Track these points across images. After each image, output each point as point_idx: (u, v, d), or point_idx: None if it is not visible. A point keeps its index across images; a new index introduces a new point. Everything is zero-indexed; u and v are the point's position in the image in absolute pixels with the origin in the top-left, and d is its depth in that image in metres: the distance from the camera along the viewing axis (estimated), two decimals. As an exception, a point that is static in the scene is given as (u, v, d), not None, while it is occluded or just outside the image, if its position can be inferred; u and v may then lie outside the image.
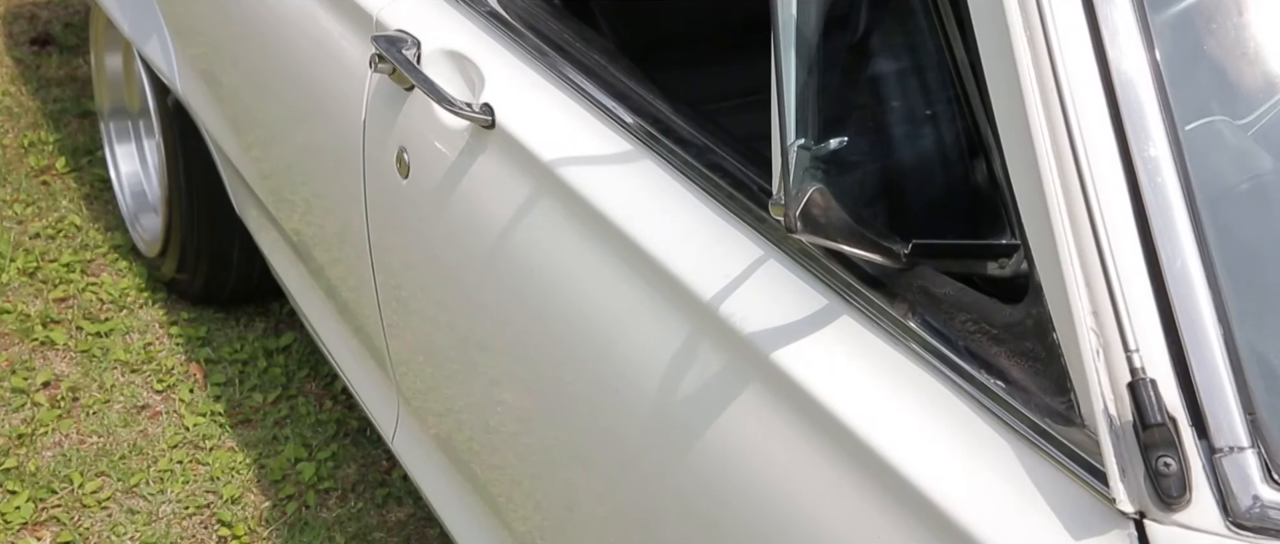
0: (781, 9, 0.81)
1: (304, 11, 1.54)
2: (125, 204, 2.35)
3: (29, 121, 2.71)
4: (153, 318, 2.21)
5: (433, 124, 1.28)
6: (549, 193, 1.13)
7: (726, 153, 1.02)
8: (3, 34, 3.04)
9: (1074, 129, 0.72)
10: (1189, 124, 0.75)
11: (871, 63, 0.89)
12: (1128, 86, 0.73)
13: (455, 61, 1.29)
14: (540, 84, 1.21)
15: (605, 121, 1.13)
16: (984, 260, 0.83)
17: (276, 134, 1.70)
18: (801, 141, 0.81)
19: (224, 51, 1.80)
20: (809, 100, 0.82)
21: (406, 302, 1.42)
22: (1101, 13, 0.74)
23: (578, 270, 1.10)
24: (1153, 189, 0.71)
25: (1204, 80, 0.79)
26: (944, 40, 0.82)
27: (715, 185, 1.00)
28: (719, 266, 0.96)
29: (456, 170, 1.25)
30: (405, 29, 1.34)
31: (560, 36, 1.23)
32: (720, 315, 0.94)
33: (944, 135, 0.87)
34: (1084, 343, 0.71)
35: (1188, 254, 0.71)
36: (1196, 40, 0.79)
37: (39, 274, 2.29)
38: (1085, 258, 0.71)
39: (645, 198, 1.05)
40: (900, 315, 0.85)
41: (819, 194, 0.80)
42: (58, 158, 2.59)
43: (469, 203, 1.24)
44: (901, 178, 0.90)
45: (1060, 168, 0.72)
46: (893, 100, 0.89)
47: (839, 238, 0.80)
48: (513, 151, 1.18)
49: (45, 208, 2.45)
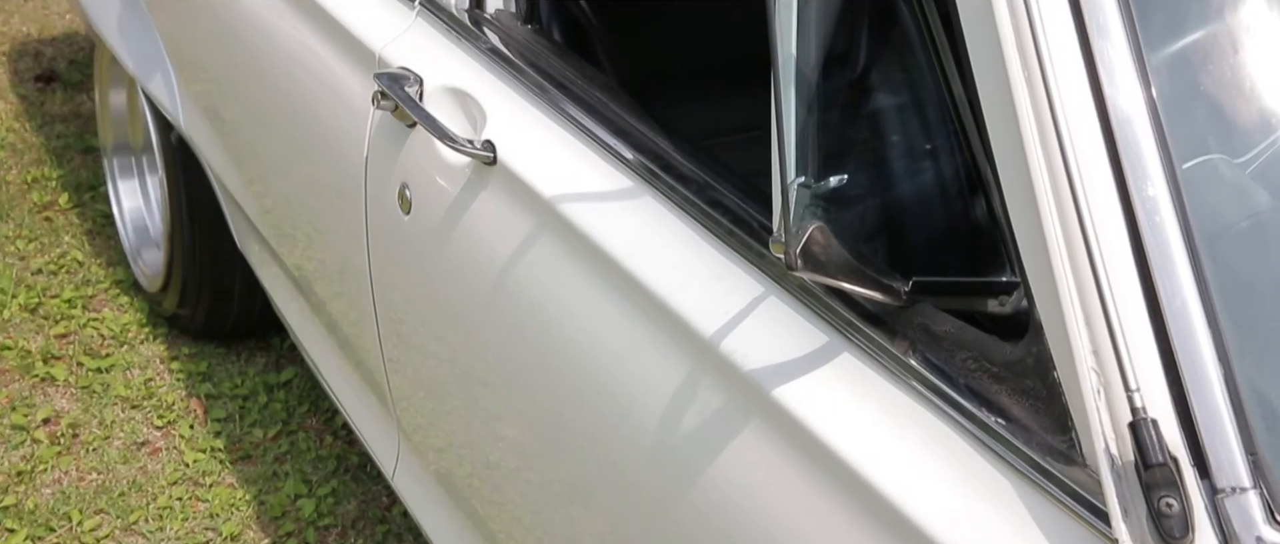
0: (781, 48, 0.82)
1: (307, 48, 1.55)
2: (127, 239, 2.35)
3: (32, 158, 2.72)
4: (154, 353, 2.21)
5: (435, 160, 1.28)
6: (550, 229, 1.14)
7: (727, 189, 1.03)
8: (8, 71, 3.06)
9: (1072, 167, 0.72)
10: (1187, 162, 0.75)
11: (871, 101, 0.90)
12: (1125, 125, 0.73)
13: (457, 98, 1.30)
14: (541, 121, 1.21)
15: (606, 158, 1.13)
16: (984, 297, 0.83)
17: (279, 169, 1.71)
18: (802, 180, 0.81)
19: (227, 87, 1.81)
20: (809, 138, 0.83)
21: (408, 337, 1.42)
22: (1097, 50, 0.74)
23: (579, 306, 1.10)
24: (1151, 228, 0.71)
25: (1201, 118, 0.80)
26: (942, 78, 0.83)
27: (716, 222, 1.01)
28: (720, 303, 0.97)
29: (458, 206, 1.25)
30: (408, 66, 1.35)
31: (561, 73, 1.24)
32: (721, 352, 0.94)
33: (943, 172, 0.87)
34: (1085, 382, 0.71)
35: (1187, 293, 0.71)
36: (1193, 78, 0.80)
37: (40, 310, 2.29)
38: (1085, 297, 0.71)
39: (646, 234, 1.06)
40: (901, 353, 0.85)
41: (819, 232, 0.80)
42: (61, 194, 2.60)
43: (470, 239, 1.24)
44: (902, 215, 0.90)
45: (1059, 206, 0.72)
46: (892, 138, 0.90)
47: (839, 275, 0.80)
48: (514, 188, 1.18)
49: (47, 244, 2.45)
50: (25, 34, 3.24)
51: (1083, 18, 0.74)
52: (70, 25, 3.26)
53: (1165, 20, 0.79)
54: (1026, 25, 0.74)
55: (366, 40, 1.42)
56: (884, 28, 0.87)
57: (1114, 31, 0.75)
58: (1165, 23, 0.79)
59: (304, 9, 1.56)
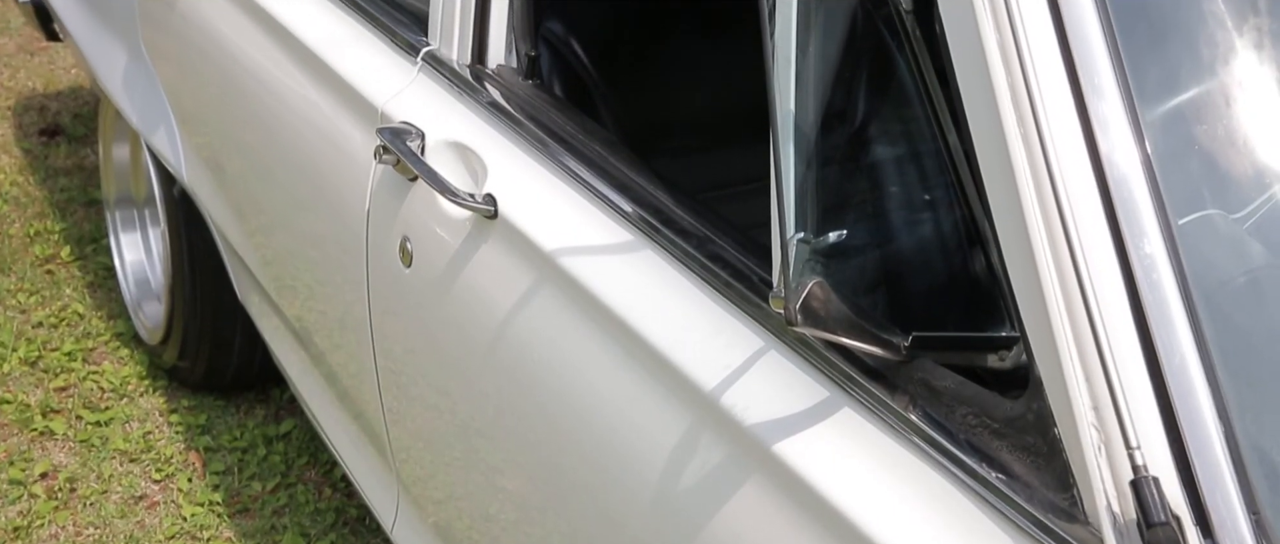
0: (780, 104, 0.83)
1: (310, 103, 1.57)
2: (129, 292, 2.36)
3: (35, 211, 2.73)
4: (153, 406, 2.21)
5: (436, 214, 1.29)
6: (551, 282, 1.14)
7: (727, 243, 1.03)
8: (13, 125, 3.08)
9: (1070, 225, 0.73)
10: (1183, 218, 0.76)
11: (869, 156, 0.90)
12: (1121, 182, 0.74)
13: (459, 152, 1.31)
14: (542, 175, 1.22)
15: (607, 212, 1.14)
16: (984, 353, 0.83)
17: (280, 222, 1.72)
18: (801, 235, 0.82)
19: (230, 141, 1.83)
20: (808, 194, 0.83)
21: (407, 388, 1.42)
22: (1092, 107, 0.75)
23: (579, 360, 1.10)
24: (1149, 285, 0.72)
25: (1197, 174, 0.80)
26: (940, 133, 0.83)
27: (715, 276, 1.01)
28: (720, 357, 0.97)
29: (459, 259, 1.26)
30: (410, 121, 1.36)
31: (562, 128, 1.25)
32: (721, 406, 0.94)
33: (943, 228, 0.88)
34: (1085, 439, 0.70)
35: (1186, 350, 0.71)
36: (1188, 134, 0.81)
37: (40, 363, 2.29)
38: (1084, 353, 0.72)
39: (646, 288, 1.06)
40: (901, 408, 0.85)
41: (819, 287, 0.80)
42: (63, 246, 2.61)
43: (471, 292, 1.24)
44: (901, 270, 0.90)
45: (1057, 264, 0.73)
46: (891, 193, 0.90)
47: (839, 331, 0.81)
48: (515, 241, 1.19)
49: (49, 296, 2.46)
50: (31, 89, 3.27)
51: (1077, 76, 0.75)
52: (75, 79, 3.29)
53: (1159, 77, 0.80)
54: (1022, 84, 0.75)
55: (369, 95, 1.44)
56: (882, 84, 0.88)
57: (1108, 89, 0.75)
58: (1159, 79, 0.80)
59: (307, 64, 1.58)
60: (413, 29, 1.45)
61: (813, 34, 0.85)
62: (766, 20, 0.84)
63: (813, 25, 0.85)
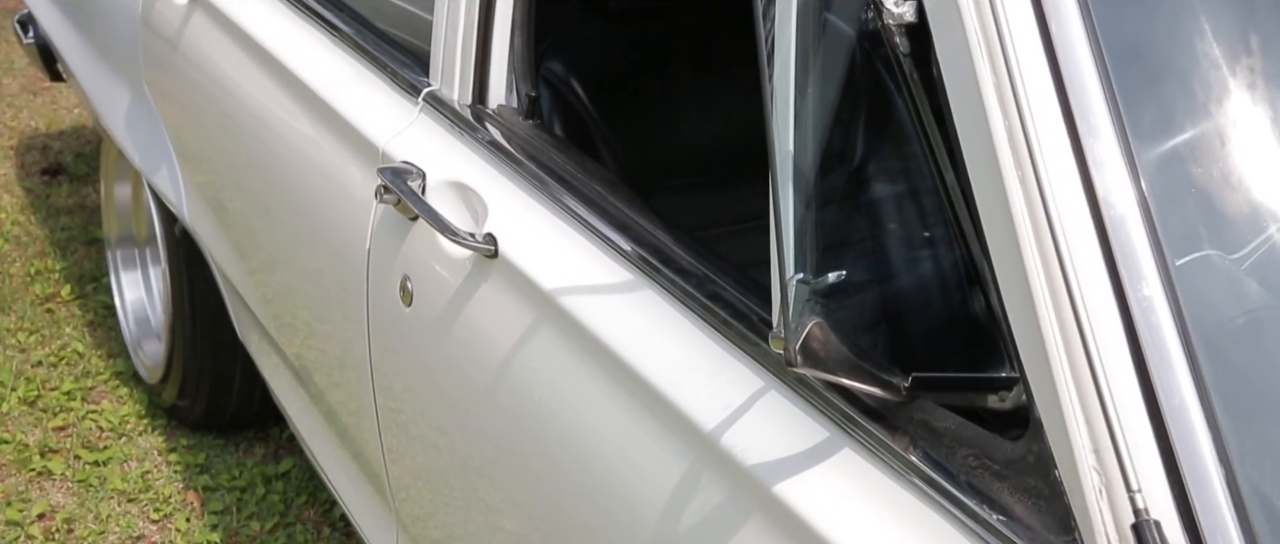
0: (779, 145, 0.83)
1: (312, 142, 1.57)
2: (129, 331, 2.36)
3: (36, 250, 2.74)
4: (152, 445, 2.20)
5: (436, 253, 1.29)
6: (551, 321, 1.14)
7: (726, 282, 1.03)
8: (15, 164, 3.09)
9: (1068, 268, 0.73)
10: (1180, 259, 0.76)
11: (869, 197, 0.91)
12: (1118, 224, 0.74)
13: (459, 192, 1.31)
14: (542, 214, 1.22)
15: (607, 251, 1.14)
16: (984, 393, 0.83)
17: (281, 260, 1.72)
18: (800, 276, 0.82)
19: (232, 179, 1.84)
20: (807, 234, 0.83)
21: (407, 427, 1.41)
22: (1088, 147, 0.75)
23: (579, 399, 1.10)
24: (1147, 327, 0.72)
25: (1194, 214, 0.80)
26: (938, 175, 0.84)
27: (715, 315, 1.01)
28: (720, 397, 0.96)
29: (459, 298, 1.26)
30: (411, 160, 1.36)
31: (562, 167, 1.26)
32: (721, 447, 0.94)
33: (942, 268, 0.88)
34: (1086, 481, 0.70)
35: (1186, 393, 0.71)
36: (1184, 173, 0.81)
37: (39, 403, 2.28)
38: (1084, 396, 0.71)
39: (646, 327, 1.06)
40: (902, 449, 0.84)
41: (818, 328, 0.80)
42: (63, 285, 2.61)
43: (471, 331, 1.24)
44: (901, 310, 0.90)
45: (1056, 307, 0.73)
46: (890, 234, 0.91)
47: (839, 371, 0.80)
48: (515, 281, 1.19)
49: (48, 335, 2.46)
50: (33, 128, 3.28)
51: (1073, 117, 0.76)
52: (78, 119, 3.30)
53: (1154, 117, 0.81)
54: (1018, 126, 0.75)
55: (370, 135, 1.44)
56: (880, 125, 0.88)
57: (1104, 130, 0.76)
58: (1154, 120, 0.81)
59: (309, 104, 1.59)
60: (414, 69, 1.46)
61: (811, 76, 0.86)
62: (765, 62, 0.85)
63: (811, 67, 0.85)
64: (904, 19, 0.79)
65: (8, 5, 3.83)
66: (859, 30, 0.87)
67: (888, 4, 0.78)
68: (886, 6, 0.78)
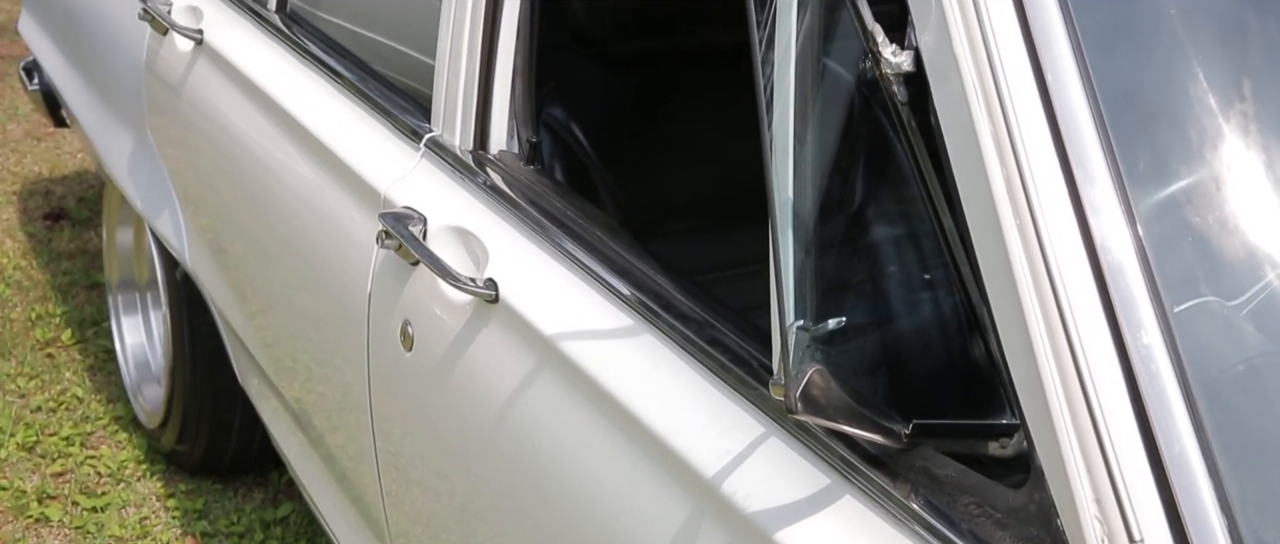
0: (778, 192, 0.84)
1: (313, 187, 1.58)
2: (129, 375, 2.35)
3: (37, 295, 2.74)
4: (150, 490, 2.19)
5: (437, 298, 1.29)
6: (551, 367, 1.14)
7: (726, 328, 1.03)
8: (18, 209, 3.11)
9: (1068, 317, 0.73)
10: (1179, 306, 0.76)
11: (868, 244, 0.91)
12: (1116, 271, 0.74)
13: (460, 237, 1.32)
14: (543, 259, 1.23)
15: (607, 296, 1.14)
16: (985, 440, 0.83)
17: (282, 304, 1.72)
18: (800, 322, 0.82)
19: (233, 224, 1.84)
20: (807, 281, 0.84)
21: (406, 471, 1.41)
22: (1085, 194, 0.76)
23: (579, 445, 1.10)
24: (1148, 376, 0.72)
25: (1192, 260, 0.81)
26: (937, 222, 0.84)
27: (715, 361, 1.01)
28: (720, 443, 0.96)
29: (460, 343, 1.26)
30: (412, 205, 1.37)
31: (563, 212, 1.26)
32: (722, 493, 0.94)
33: (943, 314, 0.88)
34: (1088, 530, 0.70)
35: (1186, 441, 0.71)
36: (1182, 219, 0.81)
37: (38, 448, 2.27)
38: (1085, 445, 0.71)
39: (647, 373, 1.06)
40: (903, 497, 0.84)
41: (819, 375, 0.80)
42: (63, 330, 2.61)
43: (472, 376, 1.24)
44: (901, 356, 0.90)
45: (1056, 356, 0.73)
46: (890, 280, 0.91)
47: (839, 418, 0.80)
48: (516, 326, 1.19)
49: (48, 380, 2.45)
50: (37, 173, 3.30)
51: (1070, 164, 0.76)
52: (81, 164, 3.32)
53: (1150, 164, 0.81)
54: (1016, 174, 0.75)
55: (372, 180, 1.45)
56: (879, 173, 0.89)
57: (1100, 177, 0.76)
58: (1150, 166, 0.81)
59: (312, 149, 1.60)
60: (416, 115, 1.47)
61: (810, 124, 0.86)
62: (764, 110, 0.85)
63: (810, 115, 0.86)
64: (902, 68, 0.79)
65: (14, 52, 3.87)
66: (857, 78, 0.88)
67: (886, 54, 0.79)
68: (884, 56, 0.79)
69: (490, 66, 1.36)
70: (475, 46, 1.36)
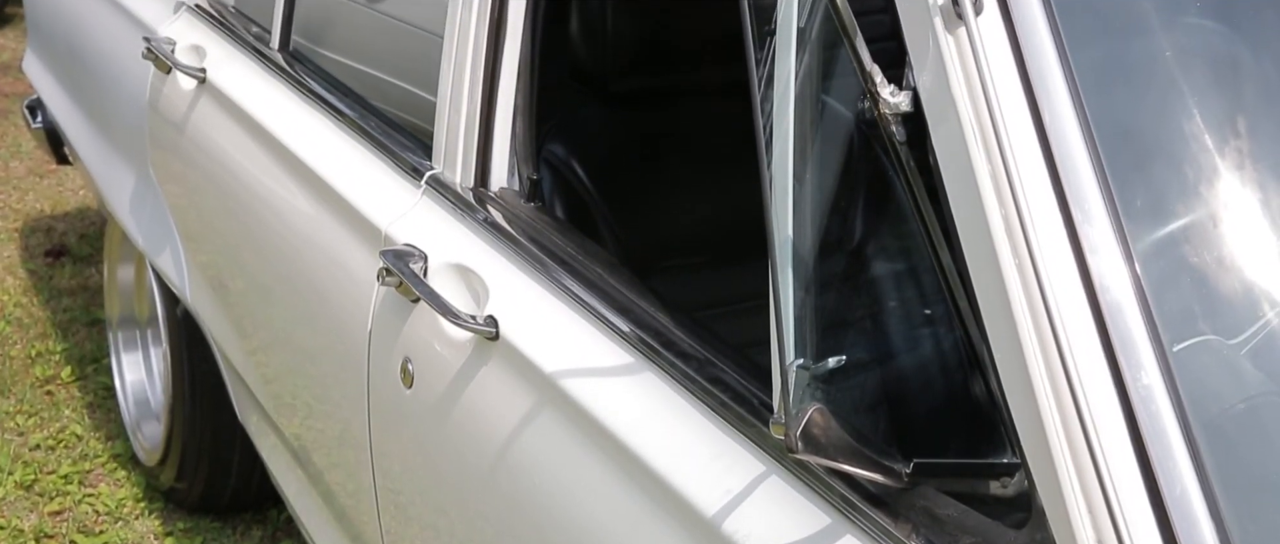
0: (778, 231, 0.84)
1: (315, 224, 1.59)
2: (128, 412, 2.35)
3: (38, 332, 2.74)
4: (148, 528, 2.18)
5: (438, 335, 1.29)
6: (552, 404, 1.14)
7: (726, 365, 1.03)
8: (19, 246, 3.11)
9: (1068, 359, 0.73)
10: (1178, 344, 0.76)
11: (868, 283, 0.91)
12: (1115, 310, 0.74)
13: (461, 274, 1.32)
14: (544, 296, 1.23)
15: (607, 334, 1.14)
16: (986, 479, 0.82)
17: (282, 340, 1.72)
18: (801, 361, 0.82)
19: (234, 260, 1.85)
20: (807, 319, 0.84)
21: (406, 509, 1.40)
22: (1083, 234, 0.76)
23: (579, 483, 1.09)
24: (1148, 416, 0.72)
25: (1190, 298, 0.81)
26: (937, 261, 0.84)
27: (716, 399, 1.01)
28: (720, 482, 0.96)
29: (460, 381, 1.26)
30: (413, 243, 1.37)
31: (563, 249, 1.26)
32: (722, 533, 0.93)
33: (944, 353, 0.88)
34: (1091, 572, 0.70)
35: (1187, 482, 0.71)
36: (1180, 257, 0.81)
37: (36, 487, 2.26)
38: (1086, 484, 0.71)
39: (647, 411, 1.06)
40: (904, 536, 0.84)
41: (819, 414, 0.80)
42: (63, 367, 2.61)
43: (472, 414, 1.24)
44: (902, 395, 0.90)
45: (1057, 398, 0.73)
46: (891, 319, 0.91)
47: (840, 458, 0.80)
48: (516, 363, 1.19)
49: (47, 418, 2.45)
50: (39, 210, 3.31)
51: (1067, 204, 0.76)
52: (83, 200, 3.33)
53: (1147, 203, 0.82)
54: (1015, 215, 0.76)
55: (373, 217, 1.45)
56: (878, 212, 0.89)
57: (1097, 215, 0.77)
58: (1148, 205, 0.81)
59: (313, 186, 1.60)
60: (417, 153, 1.48)
61: (809, 163, 0.87)
62: (763, 149, 0.86)
63: (809, 154, 0.87)
64: (900, 109, 0.80)
65: (17, 90, 3.89)
66: (856, 117, 0.88)
67: (884, 94, 0.79)
68: (883, 96, 0.79)
69: (491, 105, 1.37)
70: (476, 85, 1.37)
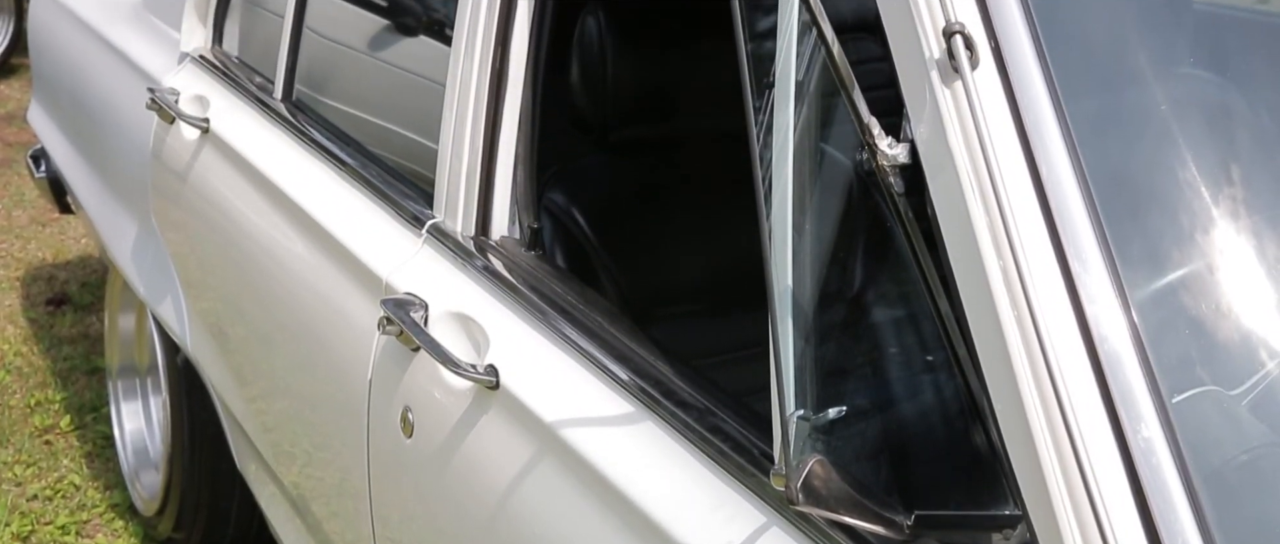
0: (777, 281, 0.84)
1: (316, 271, 1.59)
2: (127, 461, 2.34)
3: (37, 381, 2.73)
4: (145, 579, 2.16)
5: (438, 384, 1.29)
6: (552, 454, 1.14)
7: (726, 415, 1.03)
8: (21, 295, 3.11)
9: (1069, 414, 0.73)
10: (1178, 395, 0.76)
11: (868, 333, 0.91)
12: (1114, 361, 0.74)
13: (461, 323, 1.32)
14: (544, 345, 1.23)
15: (608, 383, 1.14)
16: (988, 532, 0.82)
17: (282, 389, 1.72)
18: (801, 412, 0.82)
19: (235, 308, 1.85)
20: (807, 370, 0.84)
21: (406, 559, 1.39)
22: (1081, 285, 0.76)
23: (580, 533, 1.09)
24: (1149, 469, 0.71)
25: (1191, 348, 0.81)
26: (936, 311, 0.84)
27: (716, 449, 1.00)
28: (721, 533, 0.95)
29: (460, 430, 1.25)
30: (414, 291, 1.38)
31: (563, 298, 1.27)
32: (725, 584, 0.92)
33: (945, 404, 0.88)
34: (1095, 626, 0.69)
35: (1189, 534, 0.70)
36: (1179, 307, 0.82)
37: (33, 538, 2.25)
38: (1088, 538, 0.71)
39: (647, 461, 1.05)
40: (907, 588, 0.83)
41: (820, 465, 0.80)
42: (62, 416, 2.60)
43: (472, 463, 1.24)
44: (903, 445, 0.90)
45: (1058, 452, 0.73)
46: (891, 369, 0.91)
47: (841, 510, 0.80)
48: (516, 413, 1.19)
49: (46, 468, 2.43)
50: (41, 259, 3.32)
51: (1065, 255, 0.77)
52: (85, 249, 3.34)
53: (1144, 253, 0.82)
54: (1013, 267, 0.76)
55: (374, 266, 1.46)
56: (877, 262, 0.89)
57: (1093, 262, 0.77)
58: (1145, 256, 0.82)
59: (314, 235, 1.61)
60: (418, 201, 1.49)
61: (808, 214, 0.87)
62: (762, 200, 0.86)
63: (808, 205, 0.87)
64: (898, 160, 0.80)
65: (22, 140, 3.91)
66: (855, 167, 0.89)
67: (882, 145, 0.80)
68: (881, 148, 0.80)
69: (492, 154, 1.38)
70: (478, 134, 1.38)
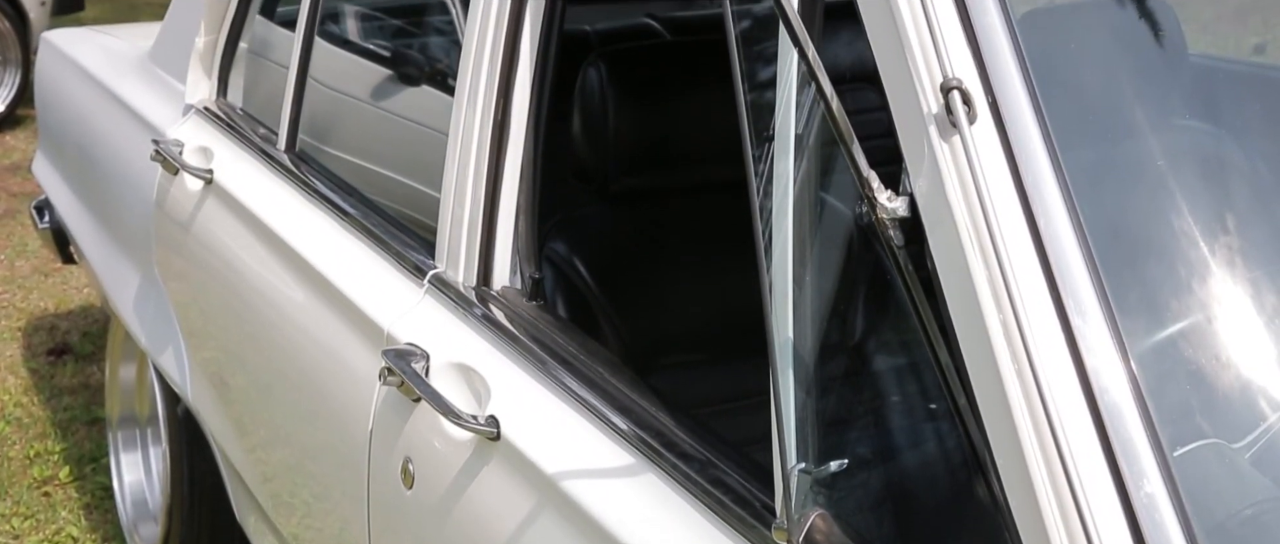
0: (778, 334, 0.84)
1: (317, 322, 1.59)
2: (125, 513, 2.33)
3: (37, 432, 2.72)
4: (143, 632, 2.14)
5: (439, 435, 1.29)
6: (553, 506, 1.13)
7: (728, 466, 1.03)
8: (22, 345, 3.11)
9: (1072, 471, 0.72)
10: (1180, 448, 0.76)
11: (869, 385, 0.91)
12: (1115, 414, 0.74)
13: (463, 373, 1.32)
14: (545, 396, 1.23)
15: (609, 434, 1.14)
16: (991, 588, 0.81)
17: (282, 439, 1.71)
18: (803, 465, 0.81)
19: (236, 358, 1.85)
20: (808, 422, 0.84)
21: (405, 613, 1.38)
22: (1080, 336, 0.76)
23: (582, 586, 1.08)
24: (1153, 526, 0.71)
25: (1192, 401, 0.81)
26: (937, 364, 0.84)
27: (718, 501, 1.00)
28: (724, 586, 0.95)
29: (461, 481, 1.25)
30: (415, 342, 1.38)
31: (564, 349, 1.27)
32: (727, 639, 0.92)
33: (946, 457, 0.88)
34: None
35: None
36: (1180, 360, 0.81)
37: (30, 589, 2.23)
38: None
39: (649, 512, 1.05)
40: (910, 643, 0.82)
41: (821, 519, 0.80)
42: (62, 467, 2.59)
43: (473, 515, 1.23)
44: (904, 497, 0.90)
45: (1059, 502, 0.72)
46: (892, 421, 0.91)
47: (843, 564, 0.79)
48: (517, 464, 1.18)
49: (44, 520, 2.42)
50: (43, 309, 3.32)
51: (1065, 309, 0.77)
52: (87, 298, 3.34)
53: (1143, 301, 0.82)
54: (1013, 321, 0.76)
55: (375, 316, 1.46)
56: (877, 315, 0.90)
57: (1092, 313, 0.77)
58: (1144, 304, 0.82)
59: (315, 284, 1.61)
60: (420, 251, 1.49)
61: (808, 266, 0.87)
62: (762, 252, 0.86)
63: (808, 257, 0.87)
64: (897, 213, 0.81)
65: (25, 190, 3.93)
66: (855, 220, 0.89)
67: (881, 199, 0.80)
68: (880, 201, 0.80)
69: (494, 204, 1.38)
70: (480, 185, 1.39)
